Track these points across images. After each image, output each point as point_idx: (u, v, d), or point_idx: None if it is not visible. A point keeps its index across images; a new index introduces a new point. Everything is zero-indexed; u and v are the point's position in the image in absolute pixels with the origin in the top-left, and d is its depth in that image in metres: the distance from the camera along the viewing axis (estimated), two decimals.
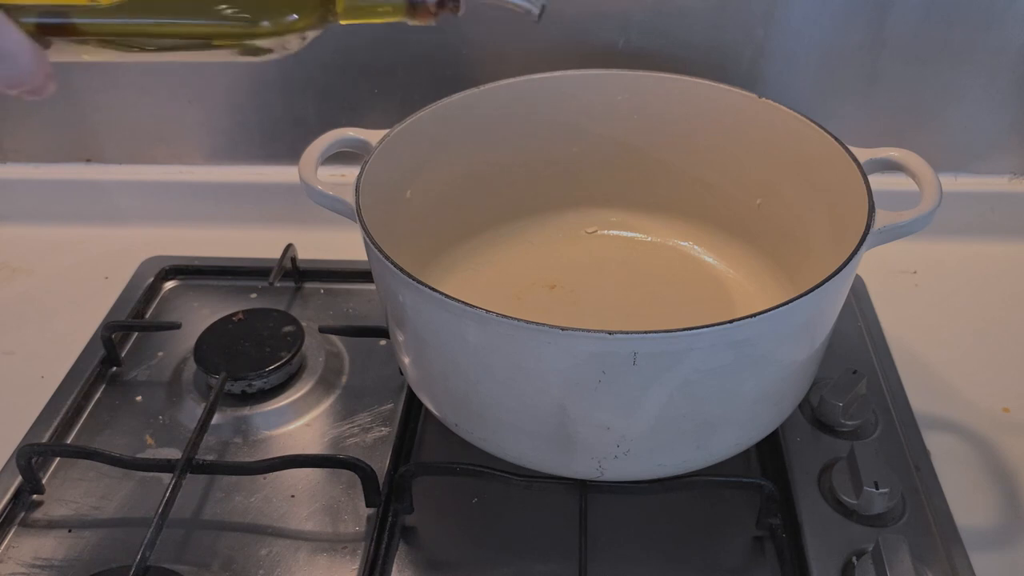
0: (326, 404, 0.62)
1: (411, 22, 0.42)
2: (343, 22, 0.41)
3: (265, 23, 0.38)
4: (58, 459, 0.58)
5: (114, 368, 0.65)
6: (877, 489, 0.51)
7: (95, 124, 0.79)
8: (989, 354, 0.66)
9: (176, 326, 0.67)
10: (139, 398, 0.63)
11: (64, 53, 0.39)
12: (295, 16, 0.39)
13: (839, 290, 0.48)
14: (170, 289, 0.73)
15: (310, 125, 0.76)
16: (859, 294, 0.69)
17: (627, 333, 0.41)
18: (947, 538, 0.51)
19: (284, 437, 0.60)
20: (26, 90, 0.38)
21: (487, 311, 0.42)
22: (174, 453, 0.58)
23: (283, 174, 0.79)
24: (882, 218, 0.48)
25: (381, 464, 0.56)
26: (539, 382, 0.45)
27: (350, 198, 0.50)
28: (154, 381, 0.64)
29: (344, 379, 0.64)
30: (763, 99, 0.59)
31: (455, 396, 0.50)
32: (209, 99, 0.77)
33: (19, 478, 0.56)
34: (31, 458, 0.55)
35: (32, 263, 0.78)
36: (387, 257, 0.46)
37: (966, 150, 0.76)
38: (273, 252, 0.71)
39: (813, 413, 0.58)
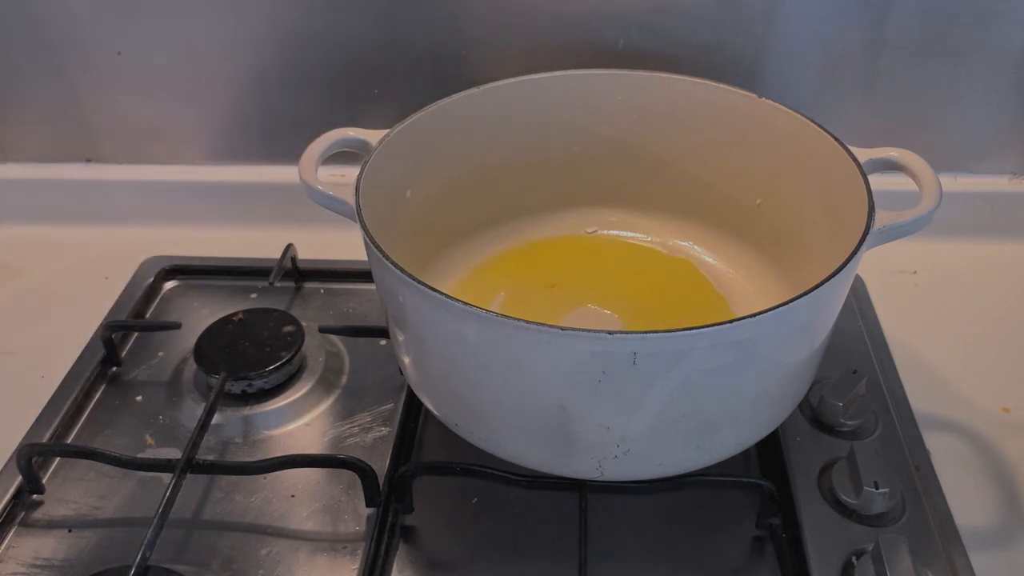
0: (326, 404, 0.62)
1: None
2: None
3: None
4: (58, 459, 0.58)
5: (114, 368, 0.65)
6: (877, 489, 0.51)
7: (95, 124, 0.79)
8: (989, 354, 0.66)
9: (176, 326, 0.67)
10: (139, 398, 0.63)
11: None
12: None
13: (839, 290, 0.48)
14: (170, 289, 0.73)
15: (310, 125, 0.76)
16: (859, 294, 0.69)
17: (627, 333, 0.41)
18: (947, 538, 0.51)
19: (284, 437, 0.60)
20: None
21: (487, 311, 0.42)
22: (174, 453, 0.58)
23: (283, 174, 0.79)
24: (882, 218, 0.48)
25: (381, 464, 0.56)
26: (539, 382, 0.45)
27: (350, 198, 0.50)
28: (154, 381, 0.64)
29: (344, 379, 0.64)
30: (763, 99, 0.59)
31: (455, 396, 0.50)
32: (209, 98, 0.77)
33: (19, 478, 0.56)
34: (31, 458, 0.55)
35: (32, 263, 0.78)
36: (387, 257, 0.46)
37: (966, 150, 0.76)
38: (273, 252, 0.71)
39: (813, 413, 0.58)
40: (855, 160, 0.52)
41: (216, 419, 0.59)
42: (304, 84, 0.75)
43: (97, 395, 0.63)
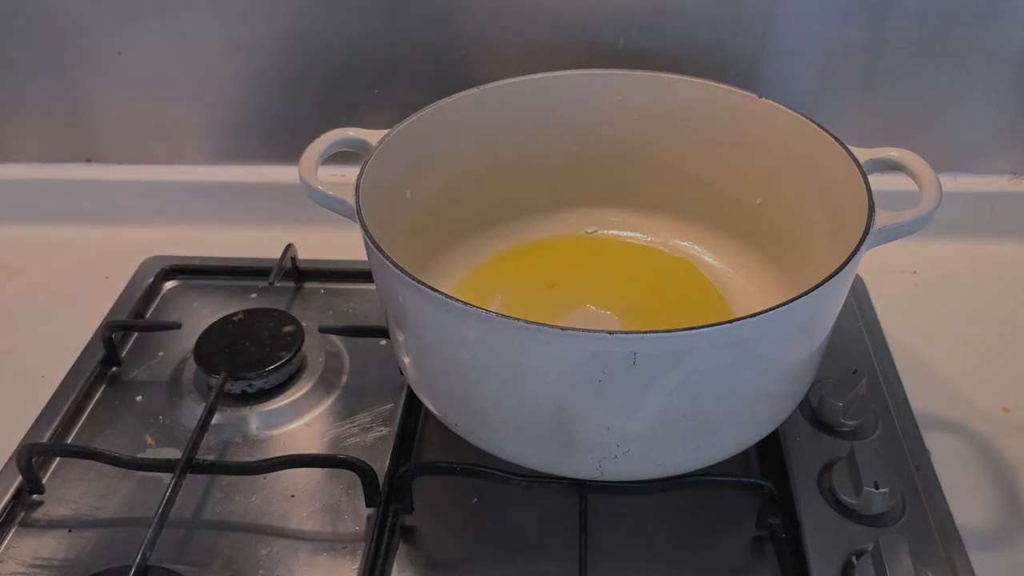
0: (326, 404, 0.62)
1: None
2: None
3: None
4: (58, 459, 0.58)
5: (114, 368, 0.65)
6: (877, 489, 0.51)
7: (95, 124, 0.79)
8: (989, 354, 0.66)
9: (176, 326, 0.67)
10: (139, 398, 0.63)
11: None
12: None
13: (839, 290, 0.48)
14: (170, 289, 0.73)
15: (310, 125, 0.76)
16: (859, 294, 0.69)
17: (627, 333, 0.41)
18: (947, 538, 0.51)
19: (284, 437, 0.60)
20: None
21: (487, 311, 0.42)
22: (174, 453, 0.58)
23: (283, 174, 0.79)
24: (882, 218, 0.48)
25: (381, 464, 0.56)
26: (539, 382, 0.45)
27: (350, 198, 0.50)
28: (154, 381, 0.64)
29: (344, 379, 0.64)
30: (763, 99, 0.59)
31: (455, 396, 0.50)
32: (209, 98, 0.77)
33: (19, 478, 0.56)
34: (31, 458, 0.55)
35: (32, 263, 0.78)
36: (387, 257, 0.46)
37: (966, 150, 0.76)
38: (273, 252, 0.71)
39: (813, 413, 0.58)
40: (855, 160, 0.52)
41: (216, 419, 0.59)
42: (304, 84, 0.75)
43: (97, 395, 0.63)
